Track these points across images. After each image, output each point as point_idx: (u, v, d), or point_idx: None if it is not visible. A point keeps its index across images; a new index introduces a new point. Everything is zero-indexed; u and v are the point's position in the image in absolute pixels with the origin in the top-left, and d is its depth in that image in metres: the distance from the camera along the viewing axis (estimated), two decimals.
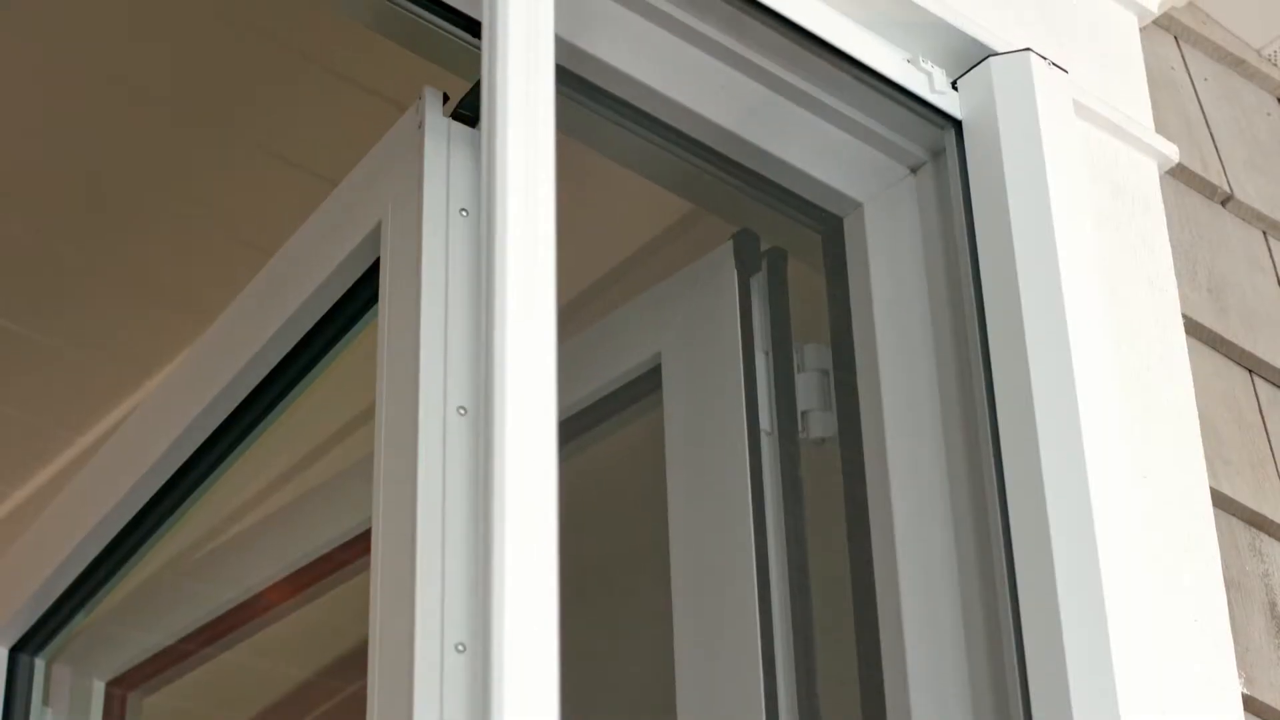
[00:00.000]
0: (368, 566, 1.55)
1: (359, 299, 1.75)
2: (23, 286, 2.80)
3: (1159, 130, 1.99)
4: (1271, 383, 1.99)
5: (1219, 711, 1.68)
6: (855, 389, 1.80)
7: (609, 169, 1.87)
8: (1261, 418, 1.95)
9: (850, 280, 1.85)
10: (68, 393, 2.96)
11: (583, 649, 1.36)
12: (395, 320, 1.60)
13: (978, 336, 1.72)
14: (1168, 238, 1.92)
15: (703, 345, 1.87)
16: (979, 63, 1.83)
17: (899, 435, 1.76)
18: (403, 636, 1.44)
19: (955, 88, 1.83)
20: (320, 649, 2.69)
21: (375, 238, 1.68)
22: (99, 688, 2.32)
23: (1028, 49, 1.83)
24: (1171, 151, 1.98)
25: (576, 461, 1.41)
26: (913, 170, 1.86)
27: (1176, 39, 2.19)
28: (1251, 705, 1.73)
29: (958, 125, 1.82)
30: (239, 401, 1.93)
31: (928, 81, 1.82)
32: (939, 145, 1.83)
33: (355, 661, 1.72)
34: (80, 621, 2.29)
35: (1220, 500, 1.84)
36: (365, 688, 1.49)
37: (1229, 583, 1.78)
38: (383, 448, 1.57)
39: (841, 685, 1.73)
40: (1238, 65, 2.24)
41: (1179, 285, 1.90)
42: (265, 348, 1.86)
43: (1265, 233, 2.11)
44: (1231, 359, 1.96)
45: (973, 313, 1.73)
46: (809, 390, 1.84)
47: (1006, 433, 1.67)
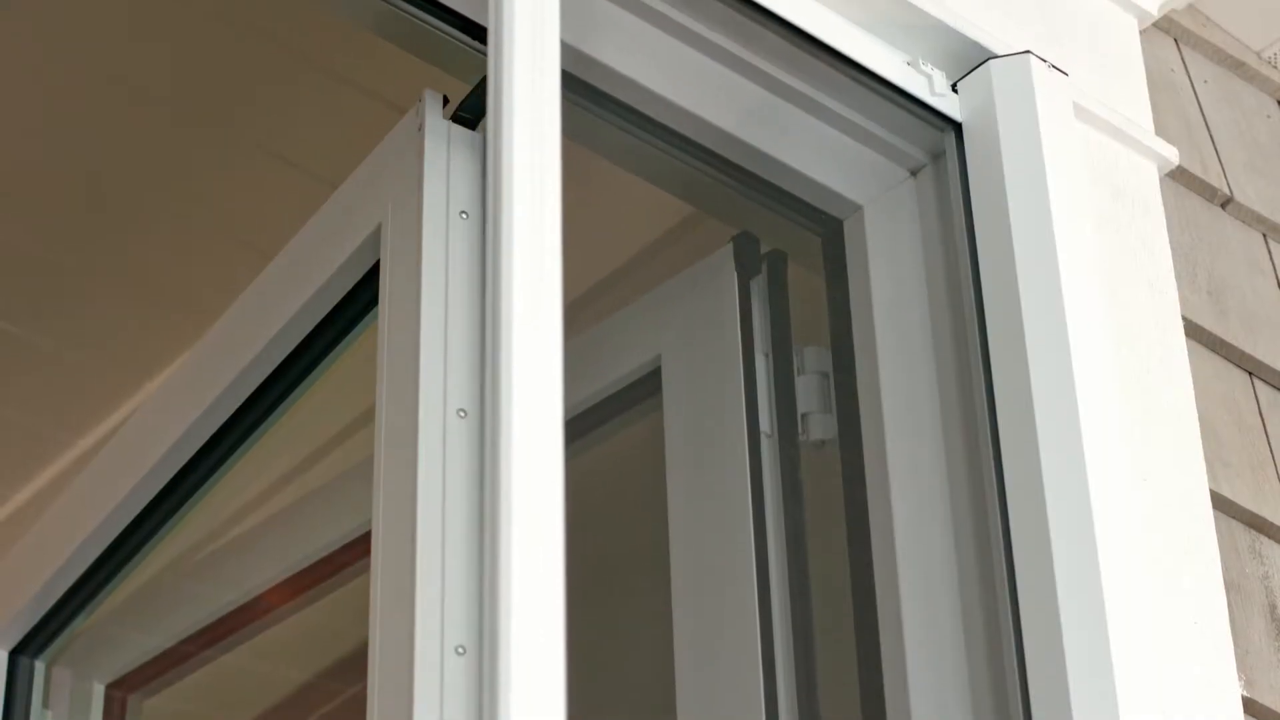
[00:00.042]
0: (368, 569, 1.55)
1: (359, 301, 1.75)
2: (22, 288, 2.80)
3: (1159, 133, 1.99)
4: (1271, 385, 1.99)
5: (1219, 714, 1.68)
6: (855, 392, 1.80)
7: (609, 171, 1.87)
8: (1261, 420, 1.95)
9: (850, 283, 1.85)
10: (67, 395, 2.96)
11: (583, 651, 1.36)
12: (395, 322, 1.60)
13: (978, 339, 1.72)
14: (1168, 240, 1.92)
15: (703, 348, 1.87)
16: (979, 65, 1.83)
17: (899, 438, 1.76)
18: (403, 639, 1.44)
19: (955, 90, 1.83)
20: (320, 651, 2.69)
21: (375, 240, 1.68)
22: (99, 690, 2.32)
23: (1028, 51, 1.83)
24: (1171, 154, 1.98)
25: (577, 463, 1.41)
26: (913, 173, 1.86)
27: (1176, 41, 2.19)
28: (1251, 708, 1.73)
29: (958, 128, 1.82)
30: (239, 403, 1.93)
31: (928, 84, 1.82)
32: (939, 148, 1.83)
33: (355, 664, 1.72)
34: (80, 624, 2.29)
35: (1220, 503, 1.84)
36: (365, 690, 1.49)
37: (1229, 585, 1.78)
38: (383, 450, 1.57)
39: (841, 688, 1.73)
40: (1238, 68, 2.24)
41: (1179, 288, 1.90)
42: (265, 350, 1.86)
43: (1265, 235, 2.11)
44: (1231, 361, 1.96)
45: (973, 315, 1.73)
46: (809, 393, 1.84)
47: (1006, 435, 1.67)
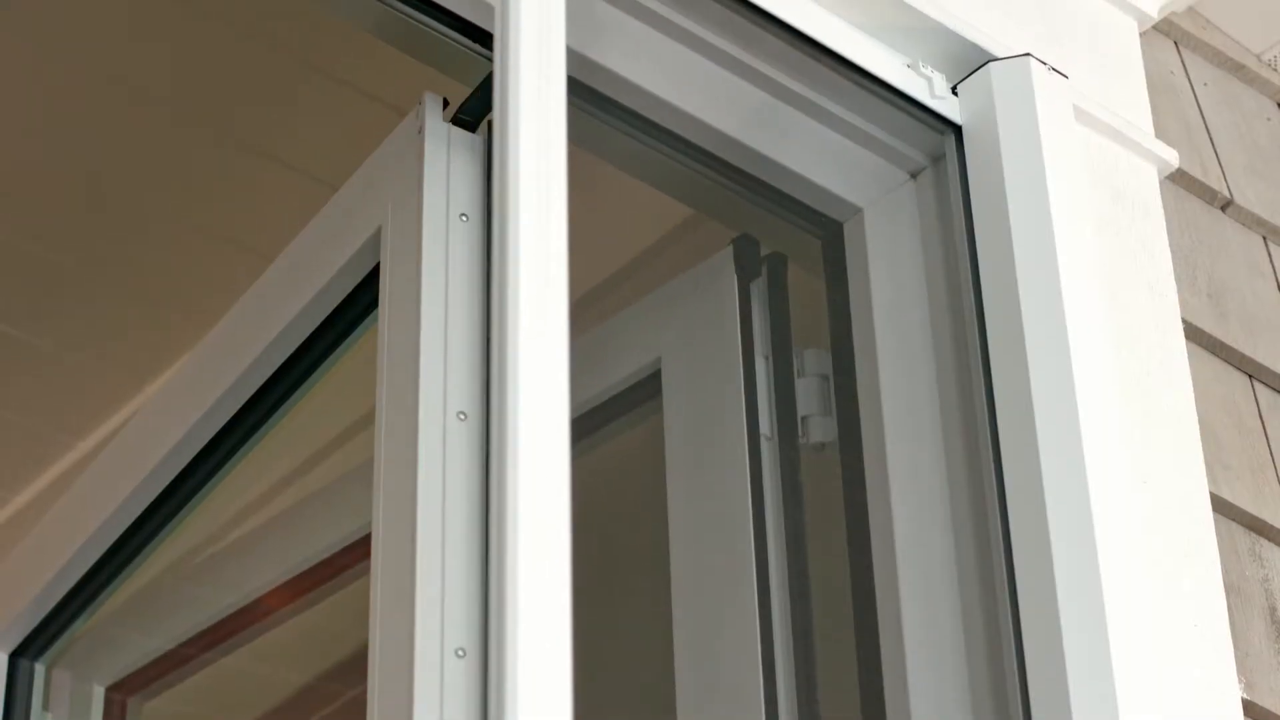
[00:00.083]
0: (368, 571, 1.55)
1: (359, 304, 1.75)
2: (22, 290, 2.80)
3: (1159, 135, 1.99)
4: (1271, 388, 1.99)
5: (1219, 717, 1.68)
6: (855, 394, 1.80)
7: (608, 174, 1.86)
8: (1261, 423, 1.95)
9: (850, 285, 1.85)
10: (67, 397, 2.96)
11: (583, 654, 1.36)
12: (395, 325, 1.60)
13: (978, 341, 1.72)
14: (1168, 243, 1.92)
15: (703, 350, 1.87)
16: (979, 68, 1.83)
17: (899, 440, 1.76)
18: (403, 641, 1.44)
19: (955, 93, 1.83)
20: (320, 653, 2.69)
21: (375, 243, 1.68)
22: (99, 693, 2.32)
23: (1028, 54, 1.83)
24: (1171, 157, 1.98)
25: (577, 465, 1.40)
26: (913, 175, 1.86)
27: (1176, 44, 2.19)
28: (1252, 710, 1.73)
29: (958, 130, 1.82)
30: (239, 406, 1.93)
31: (928, 87, 1.82)
32: (939, 150, 1.83)
33: (355, 666, 1.72)
34: (80, 626, 2.29)
35: (1220, 505, 1.84)
36: (365, 692, 1.49)
37: (1229, 588, 1.78)
38: (383, 452, 1.57)
39: (841, 691, 1.73)
40: (1238, 70, 2.24)
41: (1179, 290, 1.90)
42: (265, 352, 1.86)
43: (1265, 238, 2.11)
44: (1231, 364, 1.96)
45: (973, 318, 1.73)
46: (809, 395, 1.84)
47: (1006, 438, 1.67)
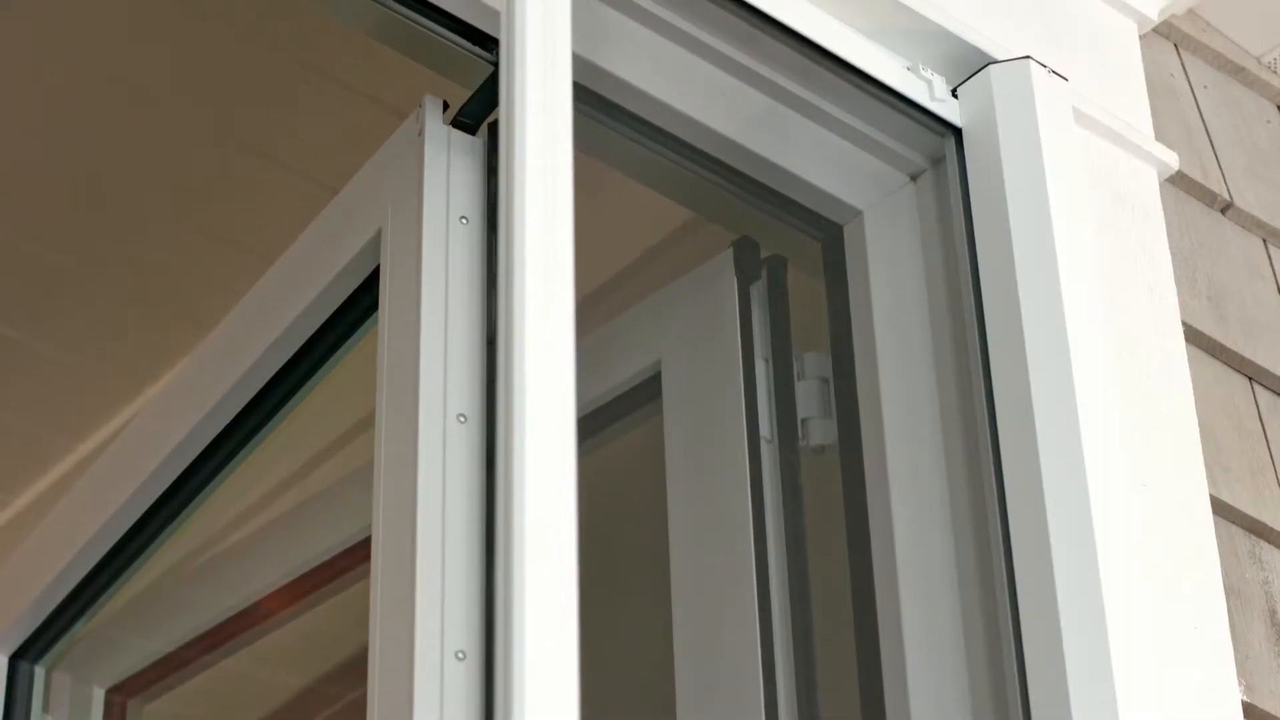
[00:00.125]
0: (368, 573, 1.55)
1: (359, 306, 1.75)
2: (22, 292, 2.80)
3: (1159, 138, 1.99)
4: (1271, 390, 1.99)
5: (1219, 719, 1.68)
6: (855, 397, 1.80)
7: (608, 176, 1.86)
8: (1261, 425, 1.95)
9: (850, 288, 1.85)
10: (67, 399, 2.96)
11: (583, 656, 1.36)
12: (395, 327, 1.60)
13: (978, 344, 1.72)
14: (1167, 245, 1.92)
15: (703, 352, 1.87)
16: (979, 70, 1.83)
17: (899, 443, 1.76)
18: (403, 643, 1.44)
19: (955, 95, 1.83)
20: (320, 656, 2.69)
21: (375, 245, 1.68)
22: (99, 695, 2.32)
23: (1028, 56, 1.83)
24: (1171, 159, 1.98)
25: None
26: (913, 178, 1.86)
27: (1176, 46, 2.19)
28: (1252, 713, 1.73)
29: (958, 133, 1.82)
30: (239, 408, 1.93)
31: (928, 89, 1.82)
32: (939, 153, 1.83)
33: (355, 668, 1.72)
34: (80, 628, 2.29)
35: (1220, 508, 1.84)
36: (365, 695, 1.49)
37: (1229, 590, 1.78)
38: (383, 455, 1.57)
39: (842, 693, 1.73)
40: (1237, 73, 2.24)
41: (1179, 293, 1.90)
42: (266, 355, 1.86)
43: (1265, 240, 2.11)
44: (1231, 366, 1.96)
45: (973, 320, 1.73)
46: (809, 398, 1.84)
47: (1006, 440, 1.67)
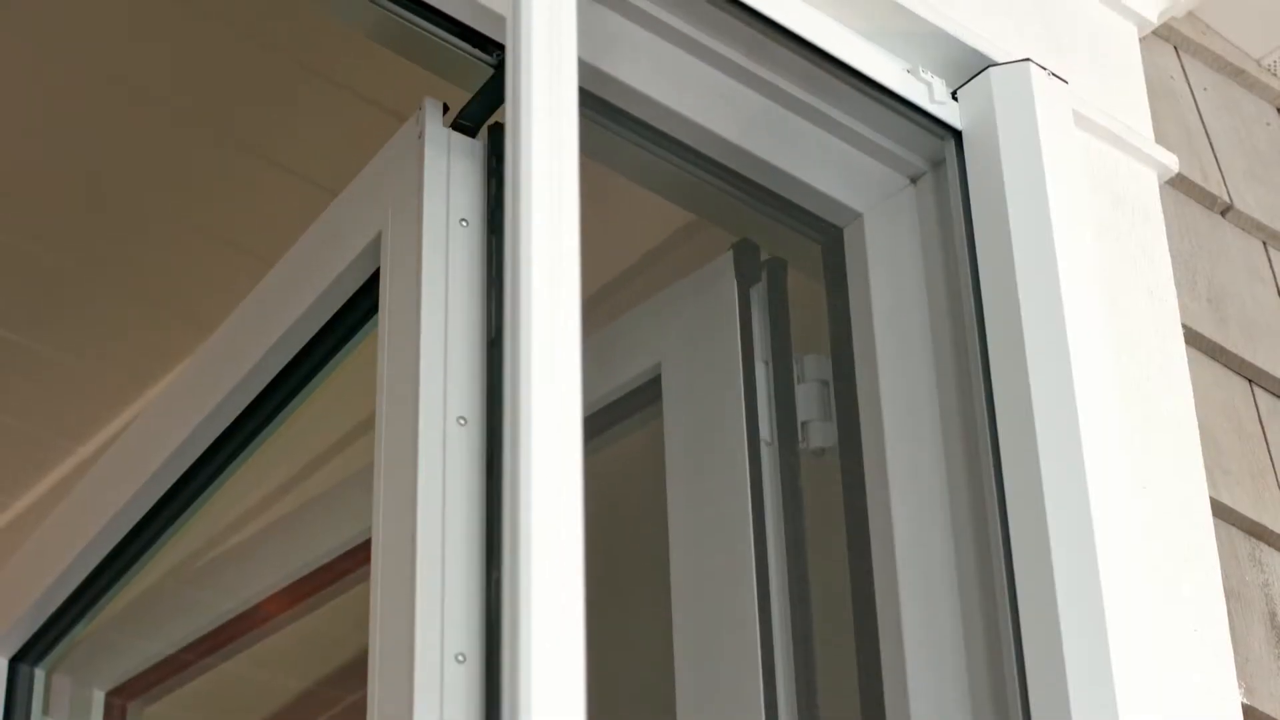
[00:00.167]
0: (368, 576, 1.55)
1: (359, 309, 1.75)
2: (22, 295, 2.80)
3: (1159, 140, 1.99)
4: (1271, 393, 1.99)
5: None
6: (855, 399, 1.80)
7: (609, 178, 1.86)
8: (1261, 428, 1.95)
9: (850, 290, 1.85)
10: (67, 402, 2.96)
11: (584, 658, 1.36)
12: (395, 330, 1.60)
13: (978, 346, 1.72)
14: (1167, 248, 1.92)
15: (703, 355, 1.87)
16: (979, 73, 1.83)
17: (899, 445, 1.76)
18: (403, 646, 1.44)
19: (955, 98, 1.83)
20: (320, 659, 2.69)
21: (375, 248, 1.68)
22: (99, 697, 2.32)
23: (1027, 59, 1.83)
24: (1171, 161, 1.98)
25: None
26: (913, 180, 1.86)
27: (1176, 49, 2.19)
28: (1252, 715, 1.73)
29: (958, 135, 1.82)
30: (239, 411, 1.93)
31: (928, 92, 1.82)
32: (939, 155, 1.83)
33: (355, 671, 1.72)
34: (80, 631, 2.29)
35: (1220, 510, 1.84)
36: (365, 698, 1.49)
37: (1229, 593, 1.78)
38: (383, 458, 1.57)
39: (842, 695, 1.73)
40: (1237, 75, 2.24)
41: (1179, 295, 1.90)
42: (266, 357, 1.86)
43: (1265, 243, 2.11)
44: (1231, 369, 1.96)
45: (973, 323, 1.73)
46: (809, 400, 1.84)
47: (1006, 443, 1.67)
